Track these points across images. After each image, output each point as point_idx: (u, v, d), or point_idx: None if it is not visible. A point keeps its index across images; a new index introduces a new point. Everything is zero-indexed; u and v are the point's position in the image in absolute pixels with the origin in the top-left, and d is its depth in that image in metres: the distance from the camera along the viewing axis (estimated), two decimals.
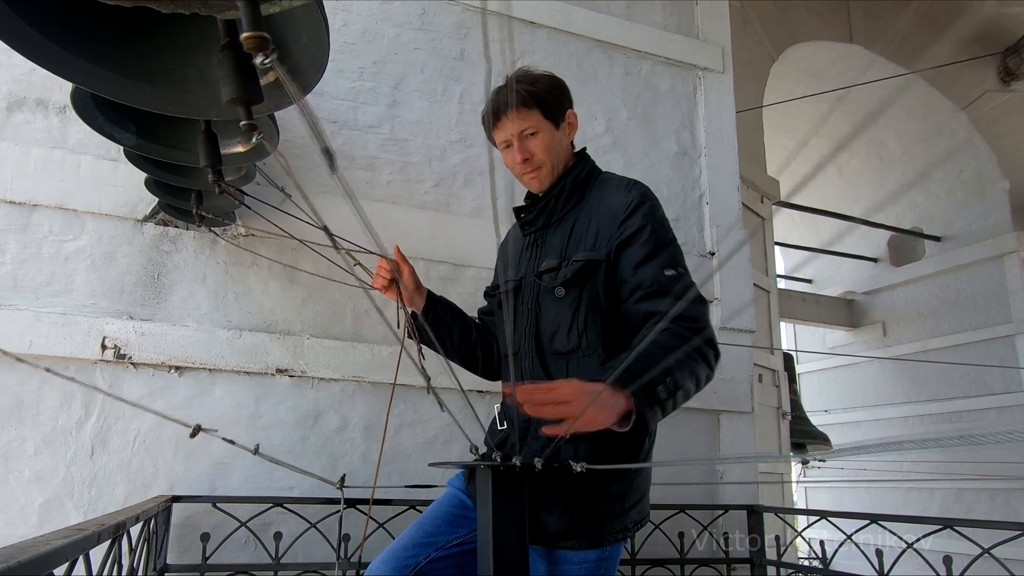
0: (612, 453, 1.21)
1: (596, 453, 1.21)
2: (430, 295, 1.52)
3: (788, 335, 7.21)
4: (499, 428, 1.37)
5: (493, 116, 1.36)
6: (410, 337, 1.47)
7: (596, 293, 1.26)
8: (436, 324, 1.49)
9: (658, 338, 1.14)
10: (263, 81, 0.79)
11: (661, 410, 1.06)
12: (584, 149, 1.44)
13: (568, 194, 1.36)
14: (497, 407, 1.41)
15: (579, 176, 1.37)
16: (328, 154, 0.71)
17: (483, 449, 1.39)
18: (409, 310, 1.48)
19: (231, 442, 1.57)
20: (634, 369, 1.02)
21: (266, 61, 0.66)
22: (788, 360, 4.41)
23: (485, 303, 1.67)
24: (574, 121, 1.40)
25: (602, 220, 1.28)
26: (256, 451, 1.60)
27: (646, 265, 1.22)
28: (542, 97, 1.32)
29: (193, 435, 1.48)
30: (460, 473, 1.40)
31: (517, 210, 1.45)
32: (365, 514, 1.70)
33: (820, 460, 5.24)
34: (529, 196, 1.46)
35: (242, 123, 0.75)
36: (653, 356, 1.06)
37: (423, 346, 1.49)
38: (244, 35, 0.64)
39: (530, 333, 1.33)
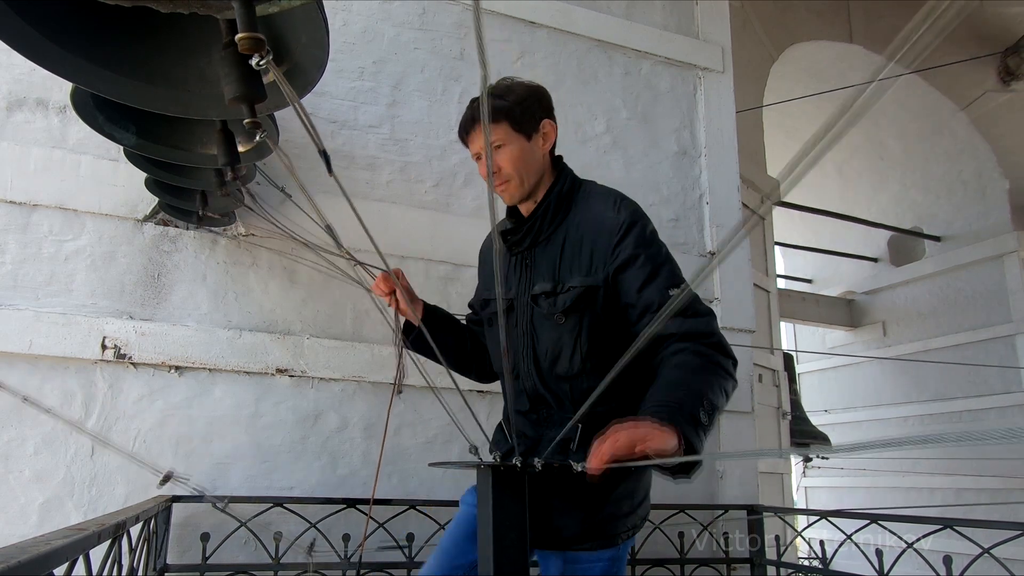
0: None
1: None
2: (426, 307, 1.49)
3: (788, 335, 7.21)
4: (507, 440, 1.37)
5: (463, 129, 1.35)
6: (406, 347, 1.47)
7: (597, 317, 1.25)
8: (433, 335, 1.48)
9: (680, 359, 1.14)
10: (265, 80, 0.79)
11: (704, 433, 1.07)
12: (561, 157, 1.40)
13: (554, 212, 1.33)
14: (500, 421, 1.41)
15: (562, 191, 1.34)
16: (325, 156, 0.71)
17: (485, 447, 1.39)
18: (403, 319, 1.46)
19: (200, 496, 1.57)
20: (671, 400, 1.04)
21: (261, 63, 0.66)
22: (788, 360, 4.41)
23: (471, 313, 1.65)
24: (550, 131, 1.35)
25: (596, 241, 1.26)
26: (224, 507, 1.58)
27: (649, 287, 1.22)
28: (509, 110, 1.29)
29: (162, 484, 1.49)
30: (472, 488, 1.39)
31: (503, 233, 1.40)
32: (365, 514, 1.70)
33: (823, 457, 5.23)
34: (511, 213, 1.42)
35: (245, 121, 0.75)
36: (686, 383, 1.08)
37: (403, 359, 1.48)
38: (239, 36, 0.64)
39: (528, 356, 1.31)
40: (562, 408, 1.28)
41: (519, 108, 1.30)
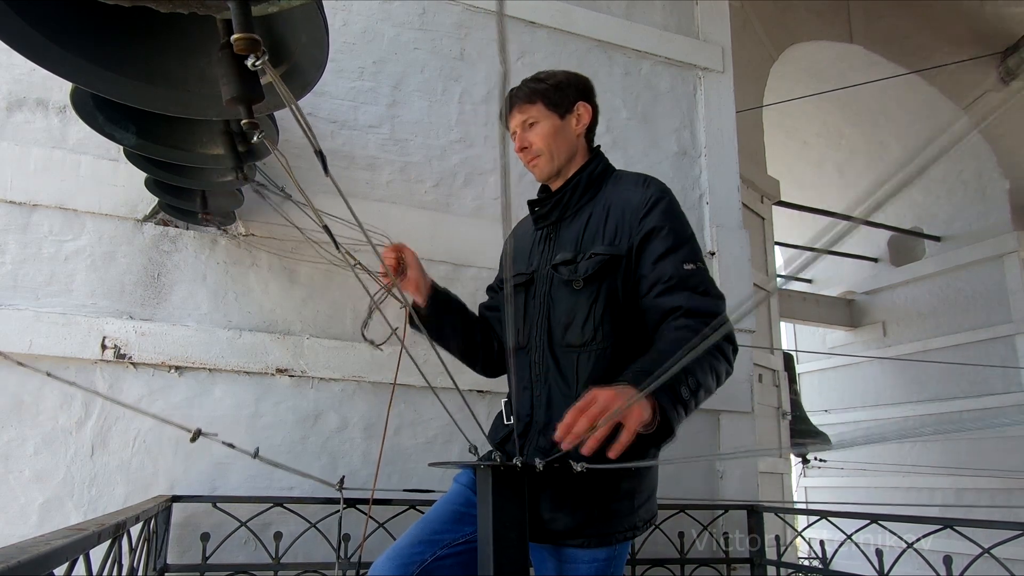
0: None
1: (602, 450, 1.20)
2: (434, 286, 1.49)
3: (788, 335, 7.22)
4: (506, 423, 1.36)
5: (501, 113, 1.40)
6: (412, 326, 1.46)
7: (615, 287, 1.27)
8: (440, 316, 1.48)
9: (677, 335, 1.15)
10: (263, 80, 0.79)
11: (684, 409, 1.06)
12: (599, 147, 1.46)
13: (583, 188, 1.38)
14: (504, 400, 1.40)
15: (594, 171, 1.39)
16: (321, 156, 0.71)
17: (484, 447, 1.38)
18: (411, 299, 1.46)
19: (231, 446, 1.57)
20: (655, 370, 1.03)
21: (256, 63, 0.66)
22: (788, 360, 4.41)
23: (487, 298, 1.66)
24: (583, 113, 1.41)
25: (621, 214, 1.30)
26: (256, 455, 1.60)
27: (665, 260, 1.23)
28: (544, 91, 1.37)
29: (194, 439, 1.48)
30: (468, 469, 1.39)
31: (531, 203, 1.46)
32: (365, 514, 1.70)
33: (821, 461, 5.24)
34: (543, 190, 1.47)
35: (243, 122, 0.75)
36: (673, 355, 1.07)
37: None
38: (234, 37, 0.65)
39: (542, 326, 1.32)
40: (565, 383, 1.27)
41: (554, 89, 1.38)
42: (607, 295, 1.26)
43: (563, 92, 1.39)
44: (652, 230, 1.25)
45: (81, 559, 0.84)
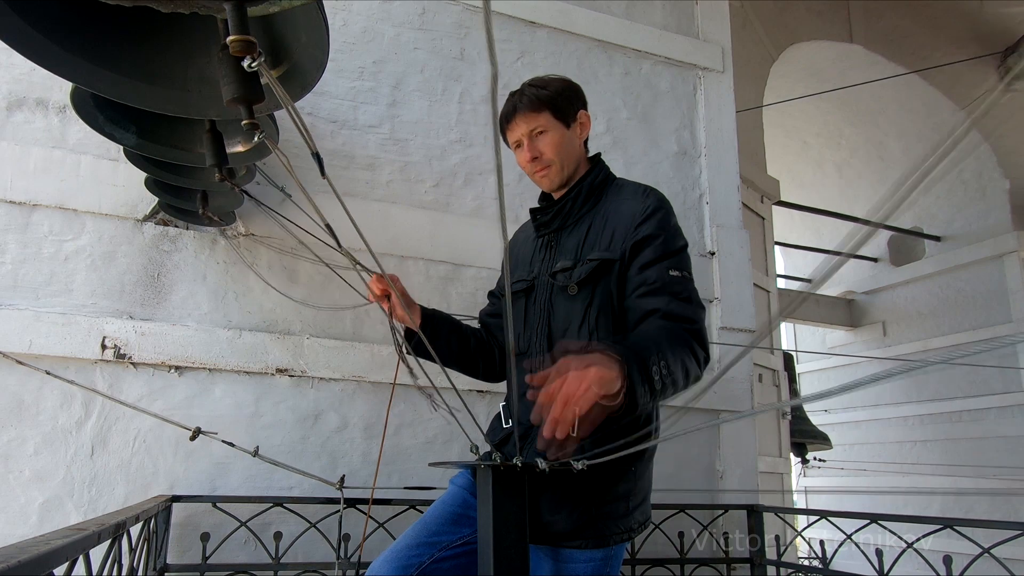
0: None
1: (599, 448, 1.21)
2: (423, 310, 1.49)
3: (788, 335, 7.22)
4: (504, 426, 1.37)
5: (504, 119, 1.40)
6: (407, 352, 1.46)
7: (609, 291, 1.28)
8: (434, 338, 1.48)
9: (654, 326, 1.17)
10: (264, 80, 0.79)
11: (650, 390, 1.02)
12: (599, 154, 1.46)
13: (584, 197, 1.38)
14: (502, 404, 1.41)
15: (595, 180, 1.40)
16: (317, 158, 0.71)
17: (484, 448, 1.39)
18: (402, 327, 1.46)
19: (231, 444, 1.58)
20: (626, 343, 1.05)
21: (253, 65, 0.66)
22: (788, 360, 4.41)
23: (487, 303, 1.66)
24: (586, 122, 1.42)
25: (618, 222, 1.31)
26: (256, 453, 1.61)
27: (653, 266, 1.25)
28: (552, 99, 1.36)
29: (193, 438, 1.49)
30: (466, 471, 1.39)
31: (533, 211, 1.47)
32: (365, 514, 1.70)
33: (820, 460, 5.23)
34: (544, 198, 1.48)
35: (244, 122, 0.75)
36: (649, 337, 1.11)
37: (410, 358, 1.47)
38: (229, 38, 0.64)
39: (542, 332, 1.34)
40: None
41: (560, 97, 1.37)
42: (601, 300, 1.28)
43: (568, 100, 1.38)
44: (646, 238, 1.27)
45: (81, 559, 0.84)
